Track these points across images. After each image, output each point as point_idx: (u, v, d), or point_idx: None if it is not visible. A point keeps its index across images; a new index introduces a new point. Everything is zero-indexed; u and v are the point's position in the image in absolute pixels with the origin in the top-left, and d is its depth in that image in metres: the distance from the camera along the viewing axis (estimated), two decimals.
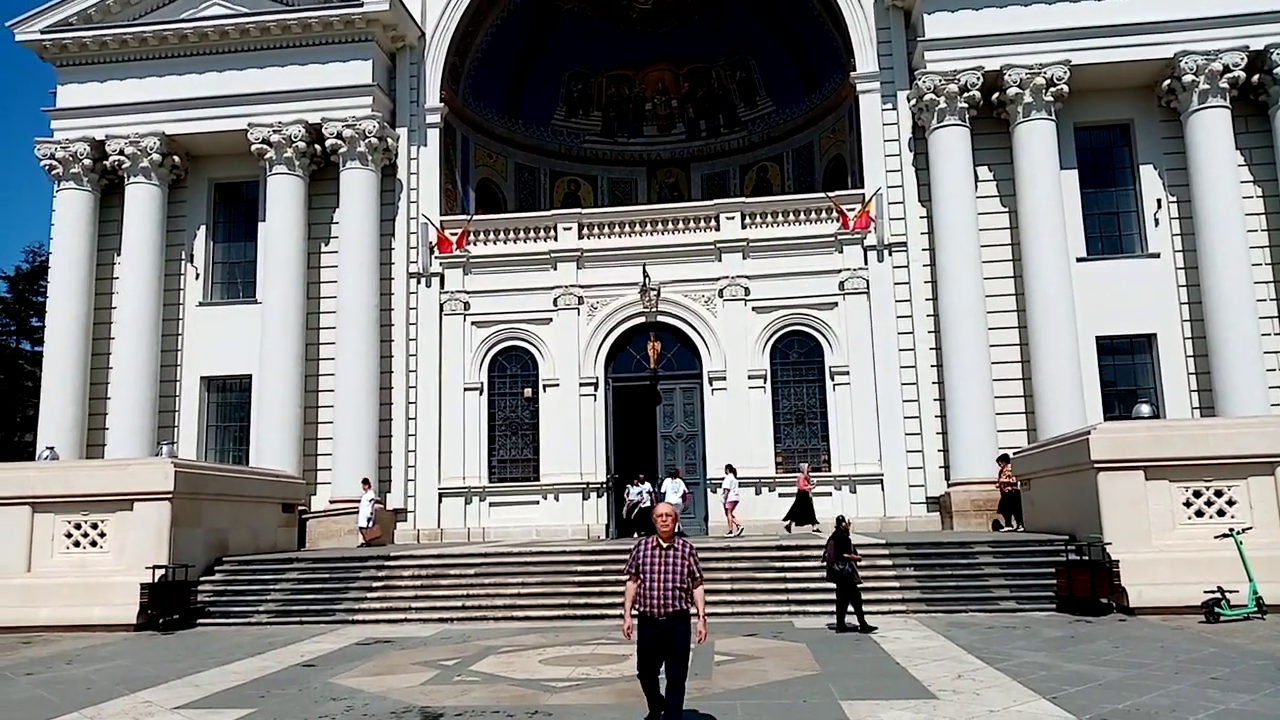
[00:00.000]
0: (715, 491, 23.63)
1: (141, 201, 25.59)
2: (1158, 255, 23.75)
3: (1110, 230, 24.44)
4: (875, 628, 12.79)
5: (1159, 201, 23.84)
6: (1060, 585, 14.39)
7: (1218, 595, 12.94)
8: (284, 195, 25.18)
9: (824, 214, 24.86)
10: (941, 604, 14.75)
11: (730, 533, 21.94)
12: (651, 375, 25.03)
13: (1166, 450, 14.83)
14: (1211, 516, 14.55)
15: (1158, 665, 9.73)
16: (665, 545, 7.01)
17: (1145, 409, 17.43)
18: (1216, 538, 13.81)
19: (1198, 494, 14.69)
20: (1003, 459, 21.18)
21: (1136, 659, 10.15)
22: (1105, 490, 14.79)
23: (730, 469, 22.81)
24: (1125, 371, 23.81)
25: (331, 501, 23.99)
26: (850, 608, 12.92)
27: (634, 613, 7.06)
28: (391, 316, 25.44)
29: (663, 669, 7.03)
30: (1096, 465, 14.90)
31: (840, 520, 13.70)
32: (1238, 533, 13.58)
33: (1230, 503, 14.60)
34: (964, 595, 15.02)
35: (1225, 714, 7.45)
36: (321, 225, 26.04)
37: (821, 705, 8.19)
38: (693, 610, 7.00)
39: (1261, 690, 8.32)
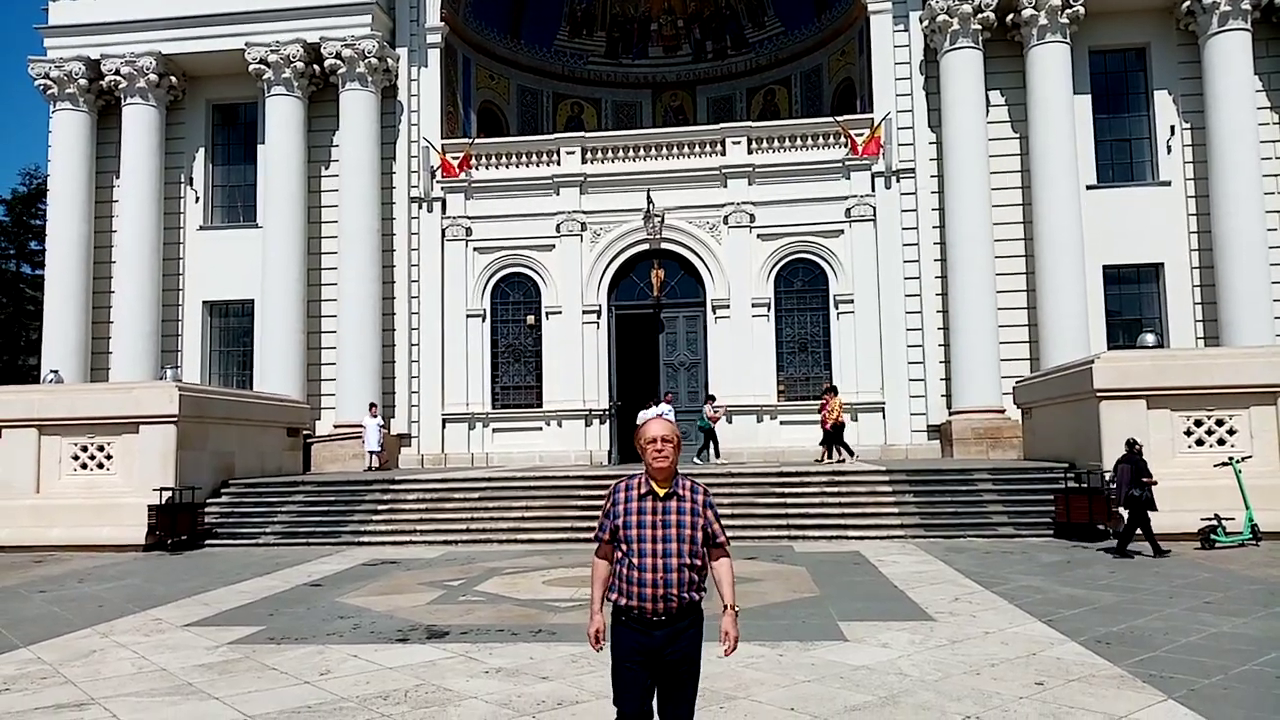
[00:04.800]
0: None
1: (139, 123, 25.24)
2: (1169, 183, 23.44)
3: (1122, 157, 24.09)
4: (1134, 556, 12.28)
5: (1172, 128, 23.44)
6: (1058, 512, 14.55)
7: (1214, 522, 13.10)
8: (283, 117, 24.81)
9: (832, 139, 24.46)
10: (940, 529, 14.93)
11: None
12: (655, 303, 24.94)
13: (1169, 380, 14.85)
14: (1212, 445, 14.64)
15: (1152, 590, 9.86)
16: (664, 493, 3.94)
17: (1150, 338, 17.40)
18: (1215, 466, 13.89)
19: (1199, 423, 14.75)
20: (831, 391, 21.09)
21: (1131, 584, 10.29)
22: (1106, 419, 14.84)
23: (669, 399, 22.98)
24: (1131, 301, 23.69)
25: (335, 426, 24.15)
26: (1138, 530, 12.47)
27: (609, 605, 4.01)
28: (393, 241, 25.27)
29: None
30: (1099, 394, 14.93)
31: (1133, 444, 12.91)
32: (1237, 461, 13.66)
33: (1231, 432, 14.68)
34: (962, 521, 15.19)
35: (1217, 636, 7.56)
36: (321, 148, 25.71)
37: (821, 626, 8.32)
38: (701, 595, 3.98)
39: (1253, 614, 8.44)
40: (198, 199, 26.37)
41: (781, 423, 23.80)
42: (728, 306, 24.30)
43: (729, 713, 5.77)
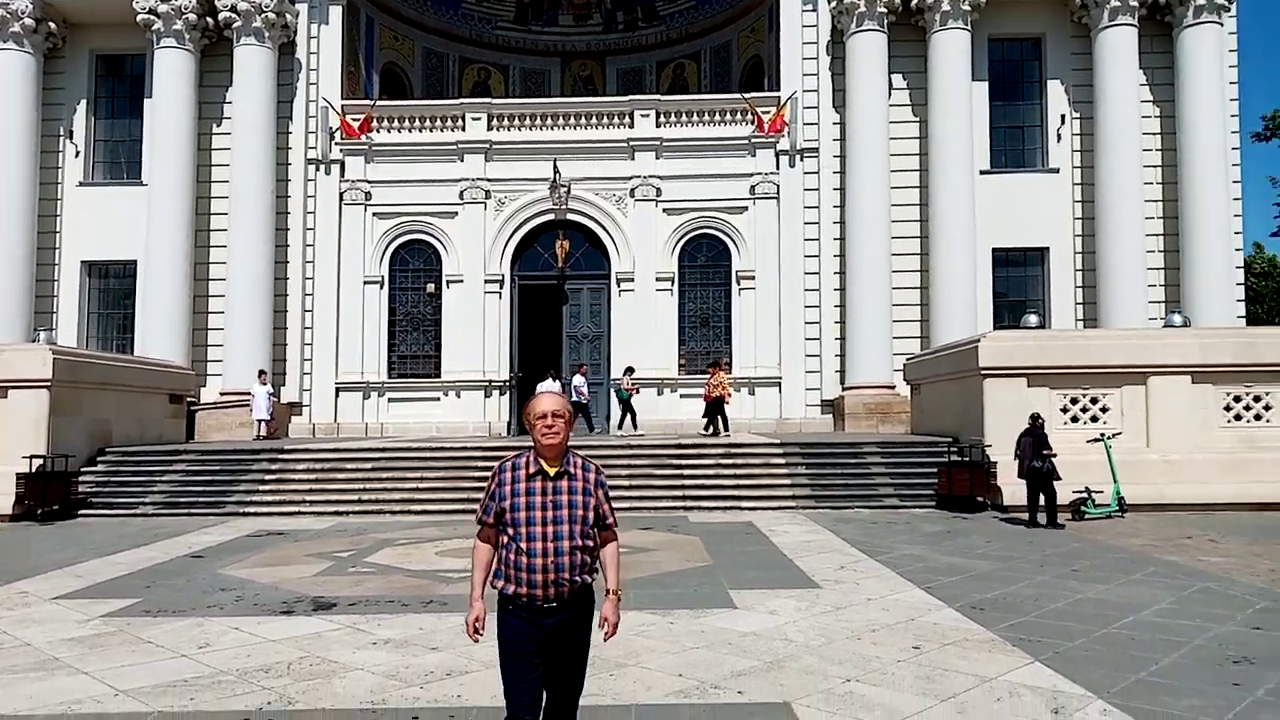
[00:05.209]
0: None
1: (12, 70, 23.76)
2: (1057, 170, 24.39)
3: (1015, 144, 24.95)
4: (1064, 525, 12.87)
5: (1063, 117, 24.36)
6: (941, 484, 15.10)
7: (1084, 495, 13.81)
8: (173, 70, 23.66)
9: (739, 116, 24.64)
10: (830, 500, 15.33)
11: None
12: (559, 274, 24.79)
13: (1049, 359, 15.52)
14: (1085, 422, 15.37)
15: (1025, 559, 10.34)
16: (554, 472, 3.76)
17: (1033, 319, 18.10)
18: (1088, 442, 14.63)
19: (1074, 400, 15.47)
20: (715, 365, 21.38)
21: (1006, 553, 10.77)
22: (990, 395, 15.45)
23: (583, 371, 22.86)
24: (1018, 283, 24.65)
25: (222, 393, 23.35)
26: (1042, 503, 12.97)
27: (493, 593, 3.78)
28: (288, 204, 24.45)
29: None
30: (983, 372, 15.51)
31: (1036, 418, 13.40)
32: (1108, 437, 14.41)
33: (1104, 409, 15.45)
34: (851, 492, 15.63)
35: (1082, 602, 7.98)
36: (214, 104, 24.64)
37: (712, 594, 8.45)
38: (593, 578, 3.81)
39: (1115, 581, 8.93)
40: (78, 153, 24.99)
41: (682, 396, 24.02)
42: (632, 280, 24.34)
43: (619, 680, 5.81)
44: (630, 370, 22.58)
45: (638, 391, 22.51)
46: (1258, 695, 5.34)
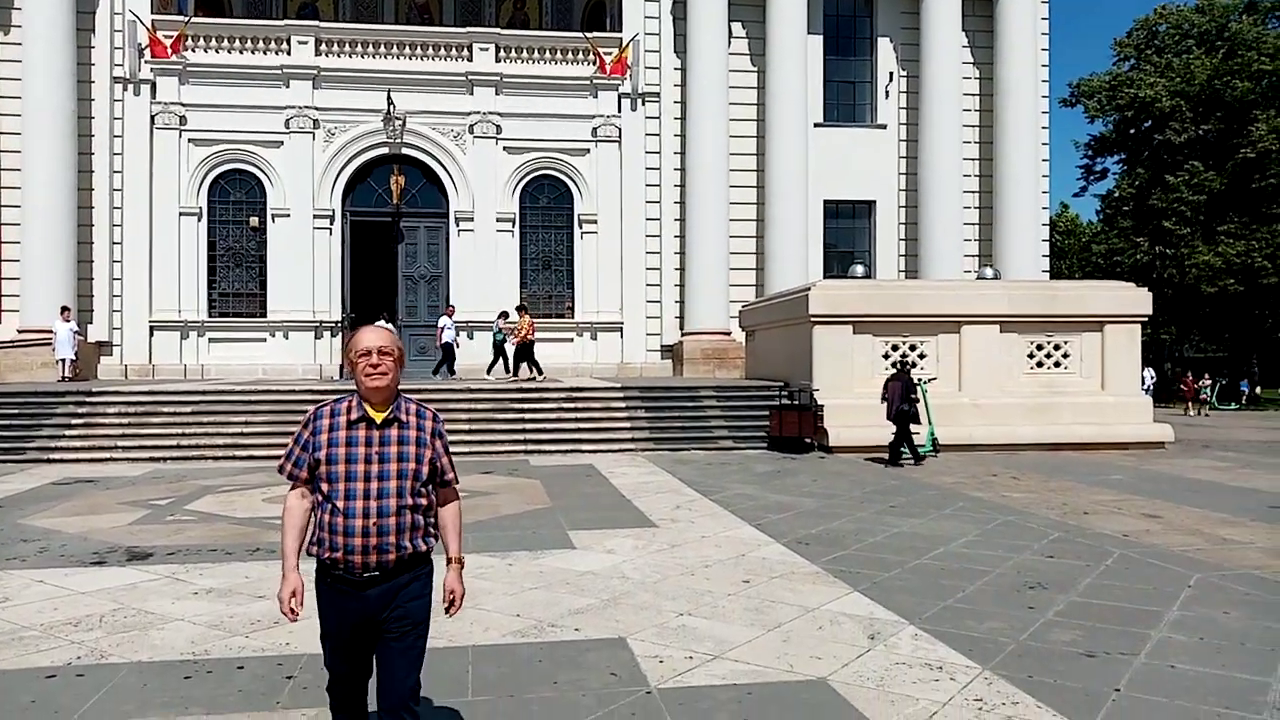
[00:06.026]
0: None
1: None
2: (885, 126, 25.42)
3: (846, 99, 25.78)
4: (902, 465, 13.76)
5: (891, 74, 25.33)
6: (772, 426, 15.72)
7: None
8: None
9: (581, 56, 24.30)
10: (668, 442, 15.69)
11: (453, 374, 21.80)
12: (394, 211, 23.94)
13: (874, 308, 16.30)
14: None
15: (847, 496, 10.94)
16: (381, 419, 3.17)
17: (859, 269, 18.94)
18: None
19: (895, 347, 16.35)
20: (521, 309, 21.48)
21: (830, 491, 11.36)
22: (819, 342, 16.12)
23: (450, 312, 22.40)
24: (846, 234, 25.68)
25: (20, 331, 21.43)
26: (906, 442, 13.82)
27: (312, 560, 3.22)
28: (92, 125, 22.44)
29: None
30: (813, 319, 16.14)
31: (904, 364, 14.24)
32: (924, 382, 15.32)
33: (921, 356, 16.41)
34: (688, 435, 16.05)
35: (898, 535, 8.53)
36: (1, 10, 22.15)
37: (551, 535, 8.52)
38: (429, 544, 3.25)
39: (927, 515, 9.58)
40: None
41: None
42: (472, 219, 23.80)
43: (455, 622, 5.73)
44: (505, 314, 21.95)
45: (470, 336, 22.03)
46: (1048, 616, 5.88)
